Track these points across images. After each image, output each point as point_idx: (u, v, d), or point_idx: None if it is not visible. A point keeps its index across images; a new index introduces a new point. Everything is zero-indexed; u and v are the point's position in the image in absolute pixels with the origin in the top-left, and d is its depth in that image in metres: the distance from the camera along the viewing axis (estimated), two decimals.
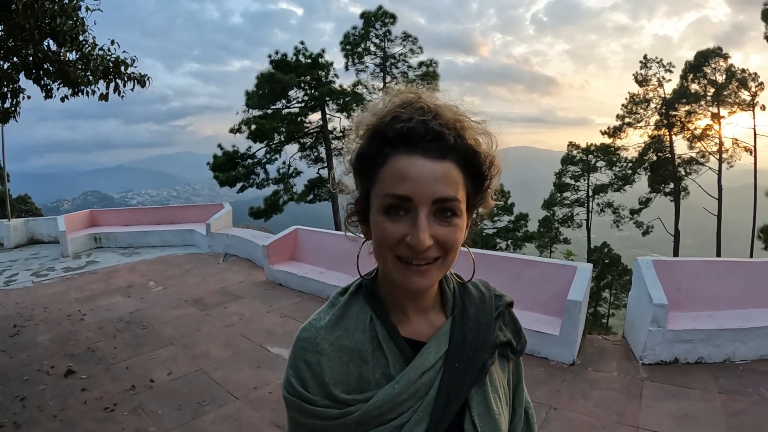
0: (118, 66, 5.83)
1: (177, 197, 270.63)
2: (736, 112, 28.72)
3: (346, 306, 1.01)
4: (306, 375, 0.93)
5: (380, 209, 0.88)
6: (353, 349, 0.96)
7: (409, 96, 0.91)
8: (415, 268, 0.89)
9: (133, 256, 11.09)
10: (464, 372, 0.98)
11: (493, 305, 1.10)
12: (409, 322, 1.02)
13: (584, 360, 5.35)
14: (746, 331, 5.08)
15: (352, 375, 0.94)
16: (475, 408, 0.98)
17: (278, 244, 8.81)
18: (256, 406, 4.38)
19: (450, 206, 0.87)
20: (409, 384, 0.92)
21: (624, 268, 31.56)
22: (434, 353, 0.97)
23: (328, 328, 0.97)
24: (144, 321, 6.56)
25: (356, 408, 0.90)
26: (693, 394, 4.54)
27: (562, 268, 6.07)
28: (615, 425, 4.11)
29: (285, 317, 6.73)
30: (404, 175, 0.85)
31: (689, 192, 30.39)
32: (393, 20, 27.65)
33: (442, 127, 0.87)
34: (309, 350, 0.95)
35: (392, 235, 0.87)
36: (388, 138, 0.88)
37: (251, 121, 25.12)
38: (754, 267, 6.06)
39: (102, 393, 4.59)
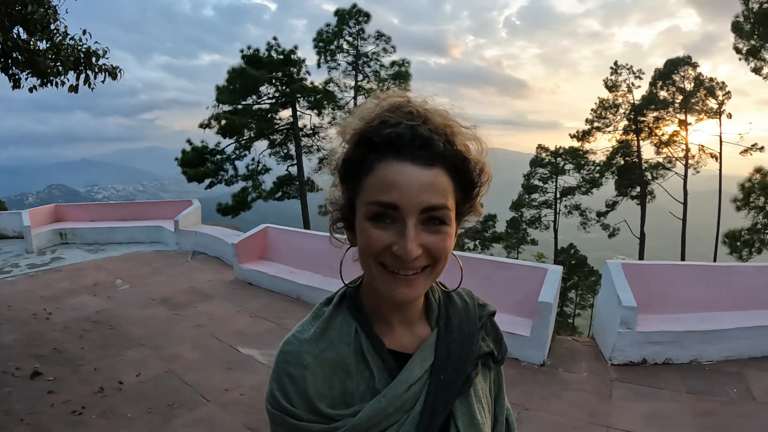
0: (90, 57, 5.64)
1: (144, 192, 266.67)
2: (703, 119, 29.54)
3: (330, 318, 0.98)
4: (290, 389, 0.90)
5: (366, 216, 0.85)
6: (337, 362, 0.93)
7: (397, 100, 0.88)
8: (402, 277, 0.86)
9: (99, 252, 10.85)
10: (449, 384, 0.96)
11: (477, 315, 1.09)
12: (394, 333, 0.99)
13: (555, 361, 5.44)
14: (713, 333, 5.29)
15: (336, 389, 0.92)
16: (460, 419, 0.97)
17: (248, 243, 8.72)
18: (228, 409, 4.32)
19: (439, 215, 0.85)
20: (395, 398, 0.91)
21: (590, 269, 32.09)
22: (420, 366, 0.95)
23: (312, 341, 0.94)
24: (112, 321, 6.39)
25: (343, 423, 0.88)
26: (662, 394, 4.69)
27: (533, 270, 6.16)
28: (587, 425, 4.20)
29: (255, 317, 6.66)
30: (391, 182, 0.82)
31: (655, 196, 30.98)
32: (367, 19, 27.64)
33: (432, 133, 0.84)
34: (292, 364, 0.92)
35: (378, 242, 0.84)
36: (375, 143, 0.85)
37: (221, 116, 24.85)
38: (721, 271, 6.29)
39: (70, 396, 4.45)
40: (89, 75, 5.72)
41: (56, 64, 5.49)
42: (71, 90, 5.73)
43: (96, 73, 5.75)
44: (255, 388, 4.70)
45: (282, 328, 6.26)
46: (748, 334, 5.32)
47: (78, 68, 5.63)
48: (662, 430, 4.11)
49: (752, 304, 5.82)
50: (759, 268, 6.43)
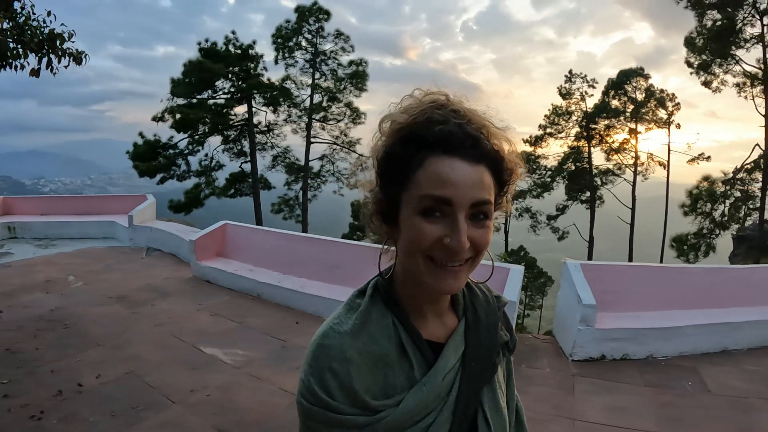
0: (54, 40, 5.37)
1: (92, 186, 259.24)
2: (653, 128, 30.71)
3: (367, 310, 0.99)
4: (332, 383, 0.90)
5: (416, 210, 0.88)
6: (379, 355, 0.95)
7: (440, 98, 0.91)
8: (450, 269, 0.89)
9: (51, 248, 10.49)
10: (480, 372, 1.02)
11: (496, 306, 1.15)
12: (427, 324, 1.03)
13: (518, 357, 5.54)
14: (668, 330, 5.57)
15: (379, 381, 0.94)
16: (487, 404, 1.03)
17: (206, 240, 8.57)
18: (196, 411, 4.21)
19: (484, 209, 0.89)
20: (434, 386, 0.95)
21: (540, 270, 32.72)
22: (454, 355, 1.00)
23: (353, 334, 0.95)
24: (67, 319, 6.15)
25: (387, 413, 0.90)
26: (622, 388, 4.90)
27: (495, 269, 6.19)
28: (554, 418, 4.35)
29: (216, 315, 6.56)
30: (445, 178, 0.85)
31: (604, 201, 31.91)
32: (327, 17, 27.64)
33: (478, 132, 0.88)
34: (336, 358, 0.91)
35: (429, 236, 0.87)
36: (425, 140, 0.87)
37: (176, 109, 24.40)
38: (674, 272, 6.63)
39: (27, 399, 4.24)
40: (52, 59, 5.44)
41: (17, 46, 5.23)
42: (32, 74, 5.42)
43: (60, 57, 5.49)
44: (222, 388, 4.61)
45: (244, 327, 6.19)
46: (700, 331, 5.64)
47: (41, 51, 5.35)
48: (624, 421, 4.27)
49: (703, 303, 6.14)
50: (709, 269, 6.84)
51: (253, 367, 5.14)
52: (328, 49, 28.33)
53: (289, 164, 29.05)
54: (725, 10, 22.31)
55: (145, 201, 11.95)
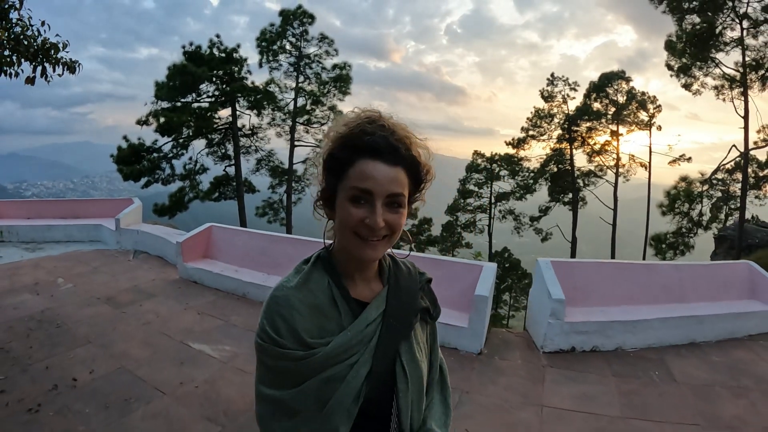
0: (48, 50, 5.53)
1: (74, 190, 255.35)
2: (634, 130, 31.10)
3: (309, 272, 1.30)
4: (280, 325, 1.20)
5: (347, 198, 1.19)
6: (316, 305, 1.25)
7: (373, 114, 1.22)
8: (370, 242, 1.21)
9: (37, 251, 10.59)
10: (396, 327, 1.32)
11: (418, 279, 1.47)
12: (356, 286, 1.34)
13: (491, 350, 5.82)
14: (635, 323, 5.81)
15: (315, 325, 1.23)
16: (404, 355, 1.33)
17: (192, 242, 8.74)
18: (184, 402, 4.42)
19: (398, 200, 1.21)
20: (357, 333, 1.25)
21: (524, 272, 32.90)
22: (375, 311, 1.30)
23: (297, 287, 1.25)
24: (57, 320, 6.32)
25: (319, 350, 1.19)
26: (590, 377, 5.15)
27: (469, 267, 6.53)
28: (521, 405, 4.59)
29: (202, 314, 6.74)
30: (369, 175, 1.17)
31: (587, 202, 32.17)
32: (311, 20, 27.61)
33: (398, 142, 1.20)
34: (283, 305, 1.22)
35: (355, 217, 1.18)
36: (357, 146, 1.18)
37: (160, 113, 24.29)
38: (641, 268, 6.86)
39: (23, 394, 4.44)
40: (46, 68, 5.60)
41: (12, 55, 5.38)
42: (28, 82, 5.58)
43: (54, 65, 5.64)
44: (209, 381, 4.82)
45: (230, 325, 6.38)
46: (667, 325, 5.89)
47: (36, 60, 5.50)
48: (590, 407, 4.53)
49: (669, 297, 6.41)
50: (676, 266, 7.07)
51: (238, 361, 5.35)
52: (312, 53, 28.31)
53: (273, 167, 29.06)
54: (705, 14, 22.48)
55: (132, 204, 12.04)
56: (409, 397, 1.32)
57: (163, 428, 4.03)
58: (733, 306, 6.40)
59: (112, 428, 4.00)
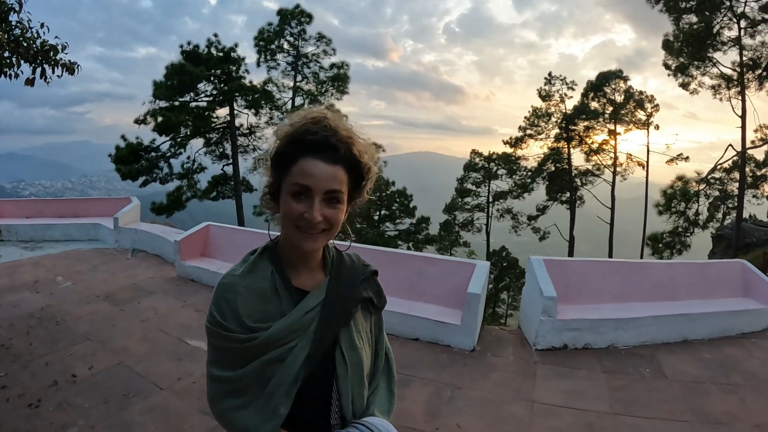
0: (48, 51, 5.56)
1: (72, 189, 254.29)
2: (632, 129, 31.20)
3: (254, 262, 1.39)
4: (225, 309, 1.27)
5: (289, 192, 1.25)
6: (259, 291, 1.32)
7: (317, 115, 1.28)
8: (309, 234, 1.28)
9: (37, 250, 10.63)
10: (336, 314, 1.38)
11: (360, 271, 1.52)
12: (299, 276, 1.40)
13: (483, 347, 5.87)
14: (627, 321, 5.84)
15: (258, 311, 1.30)
16: (343, 342, 1.39)
17: (190, 240, 8.79)
18: (182, 396, 4.49)
19: (336, 196, 1.27)
20: (297, 319, 1.31)
21: (521, 271, 32.88)
22: (315, 299, 1.36)
23: (242, 275, 1.34)
24: (57, 317, 6.38)
25: (260, 334, 1.26)
26: (580, 373, 5.21)
27: (462, 265, 6.57)
28: (512, 400, 4.64)
29: (200, 311, 6.79)
30: (309, 172, 1.23)
31: (584, 201, 32.28)
32: (309, 20, 27.64)
33: (338, 142, 1.25)
34: (228, 291, 1.30)
35: (296, 211, 1.24)
36: (300, 144, 1.25)
37: (158, 112, 24.24)
38: (633, 267, 6.87)
39: (23, 390, 4.50)
40: (45, 69, 5.64)
41: (12, 57, 5.42)
42: (27, 83, 5.61)
43: (54, 67, 5.68)
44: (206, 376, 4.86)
45: None
46: (658, 322, 5.91)
47: (36, 62, 5.54)
48: (580, 402, 4.57)
49: (662, 295, 6.43)
50: (669, 264, 7.15)
51: None
52: (310, 52, 28.38)
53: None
54: (702, 14, 22.56)
55: (130, 203, 12.06)
56: (349, 383, 1.39)
57: (161, 422, 4.09)
58: (726, 304, 6.40)
59: (111, 422, 4.05)
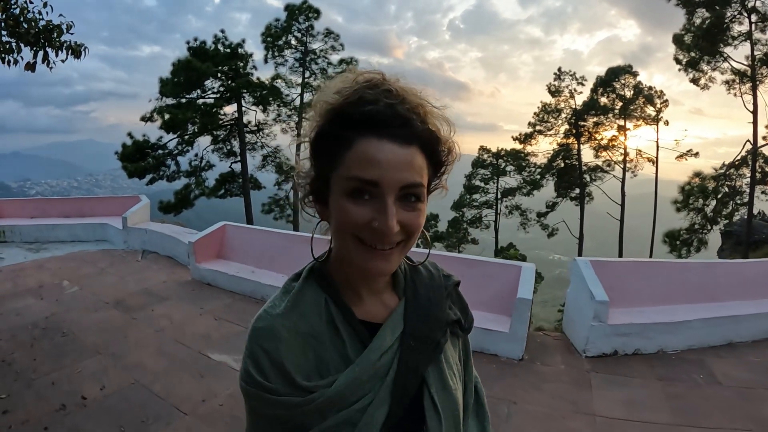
0: (51, 32, 5.09)
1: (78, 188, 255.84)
2: (641, 125, 31.04)
3: (300, 291, 0.99)
4: (265, 363, 0.90)
5: (344, 192, 0.87)
6: (310, 333, 0.94)
7: (374, 76, 0.88)
8: (379, 252, 0.89)
9: (42, 252, 10.21)
10: (420, 351, 0.99)
11: (443, 285, 1.12)
12: (363, 304, 1.02)
13: (531, 355, 5.56)
14: (675, 324, 5.65)
15: (311, 360, 0.93)
16: (433, 385, 0.99)
17: (205, 241, 8.39)
18: (209, 421, 4.02)
19: (415, 192, 0.88)
20: (368, 366, 0.93)
21: None
22: (390, 334, 0.98)
23: (284, 314, 0.95)
24: (63, 327, 5.93)
25: (319, 394, 0.89)
26: (635, 382, 4.93)
27: (505, 267, 6.35)
28: (573, 414, 4.34)
29: (220, 320, 6.37)
30: (372, 159, 0.84)
31: (593, 198, 32.08)
32: (317, 15, 27.59)
33: (410, 112, 0.86)
34: (266, 338, 0.92)
35: (357, 219, 0.86)
36: (353, 119, 0.85)
37: (164, 110, 24.08)
38: (675, 267, 6.72)
39: (27, 415, 4.01)
40: (48, 52, 5.17)
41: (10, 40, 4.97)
42: (27, 68, 5.13)
43: (57, 50, 5.21)
44: (234, 396, 4.40)
45: None
46: (706, 325, 5.70)
47: (37, 44, 5.07)
48: (641, 414, 4.31)
49: (703, 297, 6.20)
50: (707, 264, 6.93)
51: None
52: (318, 48, 28.32)
53: (279, 164, 28.82)
54: (714, 8, 22.51)
55: (139, 202, 11.67)
56: None
57: None
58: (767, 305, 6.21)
59: None
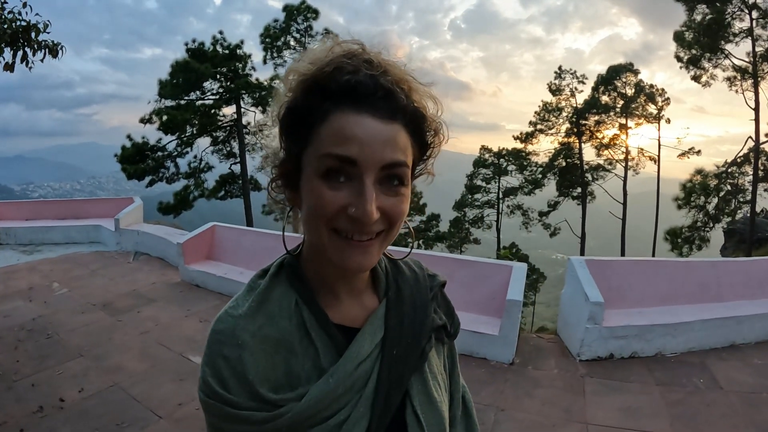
0: (29, 31, 5.02)
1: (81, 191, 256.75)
2: (643, 123, 30.96)
3: (267, 290, 0.87)
4: (225, 373, 0.78)
5: (317, 173, 0.76)
6: (278, 339, 0.83)
7: (353, 47, 0.78)
8: (356, 243, 0.78)
9: (35, 254, 10.14)
10: (403, 359, 0.89)
11: (428, 286, 1.02)
12: (341, 306, 0.91)
13: (523, 359, 5.43)
14: (675, 326, 5.45)
15: (279, 369, 0.82)
16: (416, 397, 0.90)
17: (194, 242, 8.31)
18: (184, 426, 3.96)
19: (399, 173, 0.78)
20: (344, 377, 0.82)
21: (532, 267, 32.72)
22: (370, 341, 0.87)
23: (248, 316, 0.83)
24: (48, 329, 5.88)
25: (287, 409, 0.78)
26: (632, 387, 4.76)
27: (496, 267, 6.19)
28: (565, 422, 4.18)
29: (205, 322, 6.28)
30: (350, 134, 0.74)
31: (595, 197, 32.02)
32: (315, 15, 27.45)
33: (393, 85, 0.77)
34: (227, 344, 0.80)
35: (331, 204, 0.75)
36: (329, 90, 0.76)
37: (163, 111, 24.08)
38: (678, 266, 6.56)
39: (5, 417, 3.98)
40: (27, 52, 5.10)
41: None
42: (6, 68, 5.06)
43: (35, 50, 5.14)
44: None
45: None
46: (708, 326, 5.53)
47: (15, 44, 5.00)
48: (638, 422, 4.15)
49: (706, 297, 6.04)
50: (711, 263, 6.71)
51: None
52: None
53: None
54: (714, 5, 22.43)
55: (132, 204, 11.59)
56: None
57: None
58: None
59: None
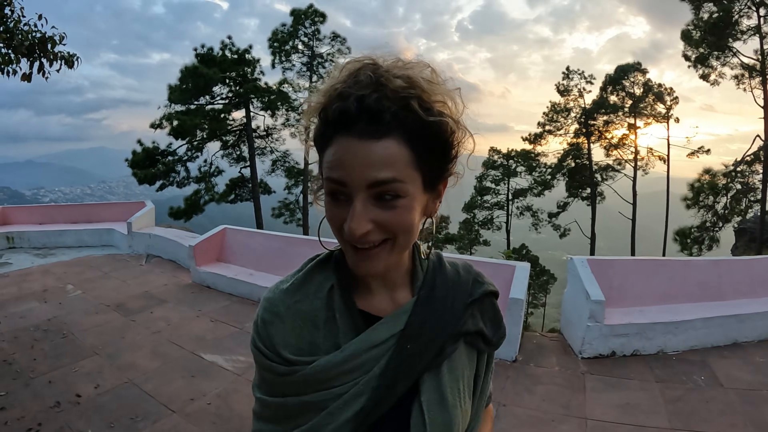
0: (45, 43, 5.19)
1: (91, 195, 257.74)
2: (652, 123, 30.65)
3: (310, 272, 1.00)
4: (262, 332, 0.95)
5: (326, 192, 0.86)
6: (308, 314, 0.95)
7: (355, 65, 0.84)
8: (363, 252, 0.86)
9: (49, 257, 10.33)
10: (417, 355, 0.93)
11: (469, 291, 1.04)
12: (372, 296, 1.00)
13: (525, 356, 5.49)
14: (676, 324, 5.47)
15: (305, 339, 0.94)
16: (425, 394, 0.94)
17: (205, 245, 8.47)
18: (195, 420, 4.09)
19: (389, 189, 0.81)
20: (353, 355, 0.90)
21: (542, 268, 32.69)
22: (386, 330, 0.93)
23: (289, 291, 0.97)
24: (63, 329, 6.04)
25: (300, 368, 0.90)
26: (632, 384, 4.81)
27: (500, 267, 6.19)
28: (563, 418, 4.24)
29: (215, 322, 6.43)
30: (339, 159, 0.81)
31: (605, 197, 31.78)
32: (323, 19, 27.56)
33: (382, 101, 0.79)
34: (268, 310, 0.96)
35: (335, 220, 0.85)
36: (329, 120, 0.83)
37: (173, 116, 24.25)
38: (679, 265, 6.54)
39: (23, 412, 4.12)
40: (44, 63, 5.26)
41: (8, 52, 5.07)
42: (24, 79, 5.22)
43: (51, 60, 5.30)
44: (222, 396, 4.49)
45: (244, 333, 6.06)
46: (709, 324, 5.54)
47: (32, 56, 5.17)
48: (636, 418, 4.19)
49: (708, 295, 6.06)
50: (713, 261, 6.72)
51: (253, 373, 5.01)
52: (325, 52, 28.31)
53: (289, 168, 28.91)
54: (721, 3, 22.29)
55: (144, 207, 11.77)
56: None
57: None
58: None
59: None
